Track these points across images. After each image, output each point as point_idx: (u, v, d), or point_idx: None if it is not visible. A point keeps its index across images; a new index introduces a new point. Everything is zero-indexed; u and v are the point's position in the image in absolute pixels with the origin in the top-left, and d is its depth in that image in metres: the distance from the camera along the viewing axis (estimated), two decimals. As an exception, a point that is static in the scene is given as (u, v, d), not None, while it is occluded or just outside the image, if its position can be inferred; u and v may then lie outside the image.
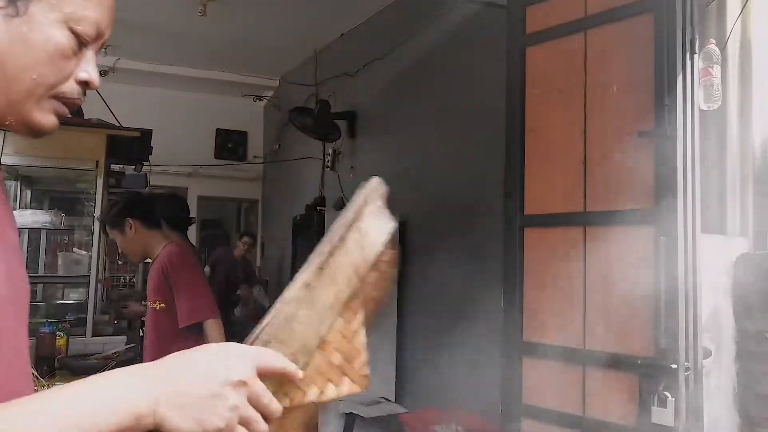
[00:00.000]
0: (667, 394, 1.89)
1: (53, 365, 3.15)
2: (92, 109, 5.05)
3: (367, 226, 0.77)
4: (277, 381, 0.71)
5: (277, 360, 0.71)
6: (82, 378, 1.86)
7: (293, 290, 0.73)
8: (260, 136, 8.40)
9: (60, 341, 3.31)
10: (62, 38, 0.78)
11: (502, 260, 2.50)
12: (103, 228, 3.02)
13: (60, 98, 0.83)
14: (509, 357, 2.39)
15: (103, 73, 7.05)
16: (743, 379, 2.34)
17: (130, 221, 2.77)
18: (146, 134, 3.76)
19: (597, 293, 2.15)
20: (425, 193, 4.20)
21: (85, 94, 0.85)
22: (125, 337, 3.68)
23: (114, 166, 4.34)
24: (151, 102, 7.38)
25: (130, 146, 4.06)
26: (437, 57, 4.24)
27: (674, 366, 1.89)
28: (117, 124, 4.06)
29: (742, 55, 2.50)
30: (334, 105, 5.59)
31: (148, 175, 4.60)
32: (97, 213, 3.59)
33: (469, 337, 3.50)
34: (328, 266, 0.74)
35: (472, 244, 3.59)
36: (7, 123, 0.82)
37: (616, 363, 2.06)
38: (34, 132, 0.84)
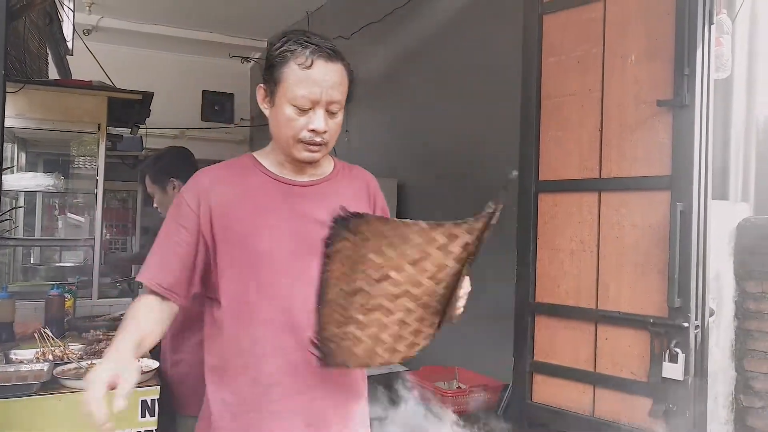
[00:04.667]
0: (677, 350, 2.01)
1: (63, 327, 3.17)
2: (79, 70, 4.94)
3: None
4: None
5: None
6: (91, 338, 2.71)
7: None
8: (247, 98, 8.28)
9: (67, 303, 3.32)
10: (288, 111, 1.37)
11: (515, 224, 2.57)
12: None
13: (302, 142, 1.38)
14: (521, 316, 2.49)
15: (85, 32, 6.85)
16: (741, 336, 2.48)
17: (174, 182, 2.62)
18: (147, 97, 3.71)
19: (611, 256, 2.24)
20: (426, 158, 4.24)
21: (318, 138, 1.38)
22: (131, 299, 3.70)
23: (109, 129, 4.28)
24: (135, 62, 7.20)
25: (127, 109, 4.00)
26: (438, 20, 4.22)
27: (686, 324, 2.00)
28: (113, 86, 3.99)
29: (752, 28, 2.58)
30: (327, 68, 5.54)
31: (144, 138, 4.54)
32: (100, 176, 3.56)
33: (474, 300, 3.59)
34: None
35: (479, 207, 3.64)
36: (291, 159, 1.43)
37: (628, 322, 2.17)
38: (300, 162, 1.43)
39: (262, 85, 1.43)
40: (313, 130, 1.37)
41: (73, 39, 5.42)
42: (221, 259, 1.41)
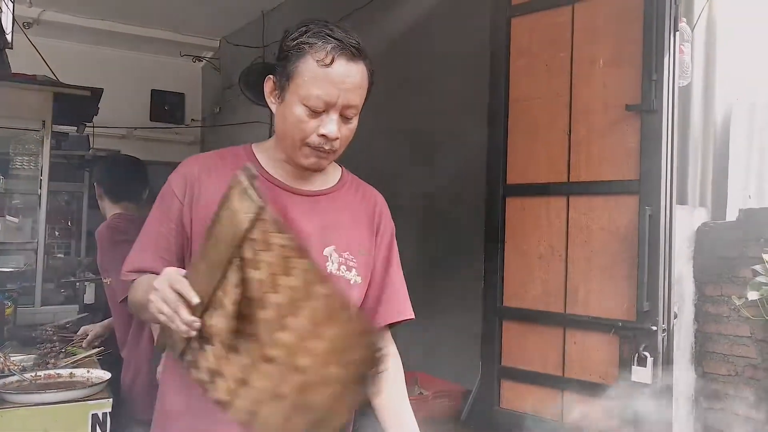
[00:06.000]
0: (646, 354, 2.02)
1: (3, 336, 2.97)
2: (19, 65, 4.67)
3: (235, 206, 0.98)
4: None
5: (179, 283, 1.05)
6: (34, 349, 2.46)
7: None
8: (199, 98, 8.07)
9: (7, 311, 3.12)
10: (299, 111, 1.22)
11: (482, 227, 2.55)
12: None
13: (310, 146, 1.25)
14: (489, 321, 2.47)
15: (25, 25, 6.51)
16: (700, 338, 2.53)
17: (96, 186, 2.65)
18: (96, 93, 3.53)
19: (579, 261, 2.25)
20: (390, 163, 4.19)
21: (328, 145, 1.25)
22: (77, 306, 3.51)
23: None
24: (79, 58, 6.88)
25: (73, 106, 3.81)
26: (401, 23, 4.19)
27: (654, 328, 2.01)
28: (58, 81, 3.79)
29: (708, 37, 2.64)
30: (283, 69, 5.44)
31: (91, 138, 4.33)
32: (44, 176, 3.37)
33: (436, 303, 3.56)
34: (212, 235, 1.03)
35: (445, 212, 3.63)
36: (294, 163, 1.31)
37: (596, 326, 2.18)
38: (303, 168, 1.30)
39: (271, 76, 1.28)
40: (323, 136, 1.23)
41: (12, 31, 5.13)
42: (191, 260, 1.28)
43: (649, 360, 2.01)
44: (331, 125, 1.23)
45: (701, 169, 2.65)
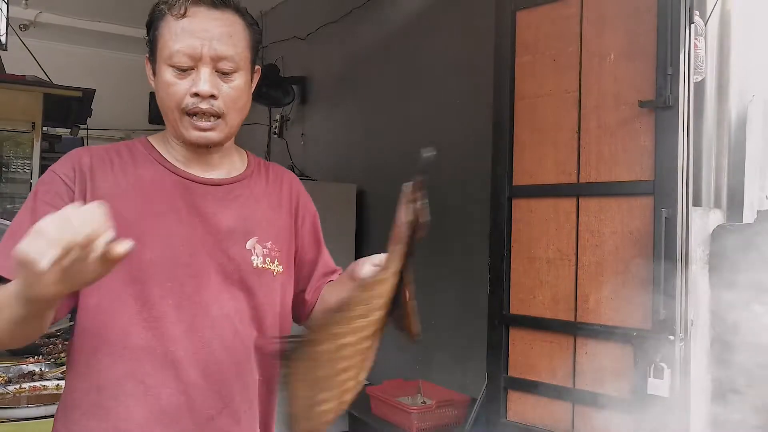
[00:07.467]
0: (663, 365, 1.90)
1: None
2: (15, 68, 4.59)
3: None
4: None
5: None
6: (19, 358, 2.40)
7: None
8: (197, 100, 8.00)
9: (-5, 320, 3.02)
10: (166, 74, 1.12)
11: (487, 230, 2.45)
12: None
13: (187, 113, 1.12)
14: (495, 329, 2.36)
15: (21, 27, 6.45)
16: (717, 347, 2.41)
17: None
18: (88, 94, 3.44)
19: (590, 266, 2.13)
20: (389, 163, 4.08)
21: (205, 105, 1.11)
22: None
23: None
24: (77, 61, 6.83)
25: (66, 107, 3.72)
26: (400, 20, 4.09)
27: (671, 337, 1.90)
28: (49, 82, 3.70)
29: (722, 31, 2.53)
30: (282, 70, 5.37)
31: (85, 140, 4.23)
32: (35, 179, 3.27)
33: (438, 309, 3.45)
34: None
35: (448, 214, 3.52)
36: (186, 145, 1.19)
37: (609, 335, 2.06)
38: (190, 145, 1.18)
39: (146, 56, 1.18)
40: (196, 94, 1.10)
41: (6, 33, 5.05)
42: None
43: (667, 372, 1.89)
44: (202, 81, 1.10)
45: (715, 169, 2.54)
